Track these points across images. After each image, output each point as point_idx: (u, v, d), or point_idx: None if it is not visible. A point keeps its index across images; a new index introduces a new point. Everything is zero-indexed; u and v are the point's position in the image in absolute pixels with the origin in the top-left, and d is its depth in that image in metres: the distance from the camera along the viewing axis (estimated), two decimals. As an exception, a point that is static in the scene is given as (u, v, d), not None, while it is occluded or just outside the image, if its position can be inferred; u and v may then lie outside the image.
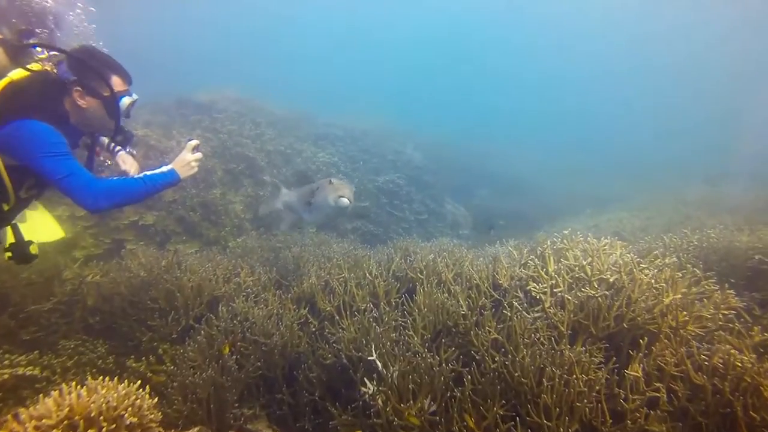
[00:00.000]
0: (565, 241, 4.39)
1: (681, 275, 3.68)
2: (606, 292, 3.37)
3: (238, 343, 3.48)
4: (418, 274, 4.18)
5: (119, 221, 6.04)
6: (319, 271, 4.39)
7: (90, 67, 2.68)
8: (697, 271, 3.84)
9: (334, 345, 3.49)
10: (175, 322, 3.85)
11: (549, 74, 47.78)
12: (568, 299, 3.36)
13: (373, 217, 8.66)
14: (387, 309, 3.83)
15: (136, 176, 2.79)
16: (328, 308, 4.01)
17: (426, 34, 47.66)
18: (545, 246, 4.34)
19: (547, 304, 3.50)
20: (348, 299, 4.05)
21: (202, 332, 3.53)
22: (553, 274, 3.73)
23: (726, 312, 3.46)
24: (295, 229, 6.39)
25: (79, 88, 2.66)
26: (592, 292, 3.33)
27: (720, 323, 3.34)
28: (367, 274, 4.28)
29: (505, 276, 3.94)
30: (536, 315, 3.42)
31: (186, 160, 2.98)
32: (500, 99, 44.92)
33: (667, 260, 4.00)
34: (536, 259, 4.04)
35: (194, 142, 3.05)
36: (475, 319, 3.43)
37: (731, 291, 3.70)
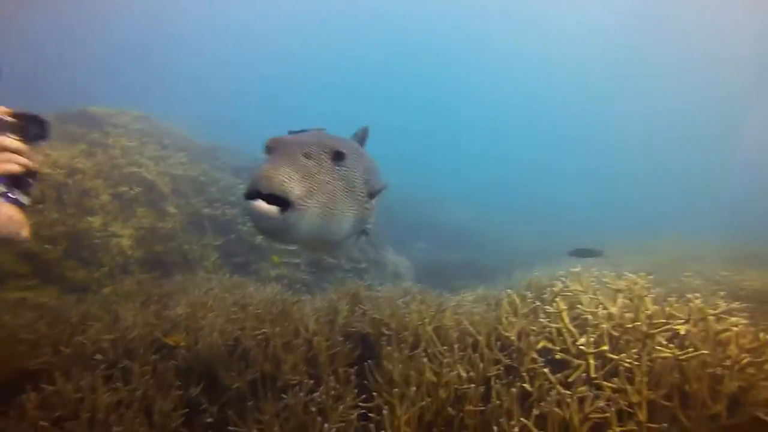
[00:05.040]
0: (576, 281, 3.24)
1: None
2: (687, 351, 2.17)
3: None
4: (382, 330, 2.75)
5: None
6: (225, 325, 2.82)
7: None
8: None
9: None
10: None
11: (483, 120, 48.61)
12: (630, 362, 2.11)
13: (301, 264, 7.13)
14: (333, 385, 2.35)
15: None
16: (237, 384, 2.44)
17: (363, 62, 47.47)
18: (555, 288, 3.16)
19: (591, 372, 2.23)
20: (270, 368, 2.52)
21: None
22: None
23: None
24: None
25: None
26: (667, 351, 2.11)
27: None
28: (302, 330, 2.78)
29: (514, 330, 2.65)
30: (581, 390, 2.11)
31: None
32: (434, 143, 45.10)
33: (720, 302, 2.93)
34: (554, 306, 2.80)
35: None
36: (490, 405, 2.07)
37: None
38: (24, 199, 2.40)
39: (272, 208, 1.66)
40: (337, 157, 1.94)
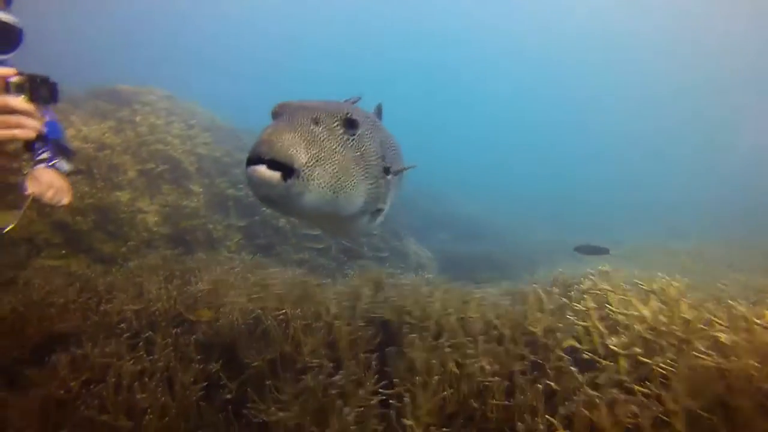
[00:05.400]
0: (605, 280, 3.14)
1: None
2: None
3: None
4: (405, 317, 2.71)
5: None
6: (246, 303, 2.81)
7: None
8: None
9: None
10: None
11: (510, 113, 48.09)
12: (666, 367, 2.02)
13: (323, 248, 7.12)
14: (355, 370, 2.33)
15: None
16: (257, 362, 2.44)
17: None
18: (583, 286, 3.08)
19: (622, 374, 2.15)
20: (290, 349, 2.51)
21: None
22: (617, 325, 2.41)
23: None
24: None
25: None
26: (708, 359, 2.01)
27: None
28: (323, 312, 2.76)
29: (540, 326, 2.57)
30: (611, 393, 2.04)
31: None
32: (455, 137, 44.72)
33: None
34: (582, 304, 2.71)
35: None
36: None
37: None
38: (65, 166, 2.47)
39: (274, 174, 1.52)
40: (350, 124, 1.79)
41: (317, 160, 1.62)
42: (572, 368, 2.24)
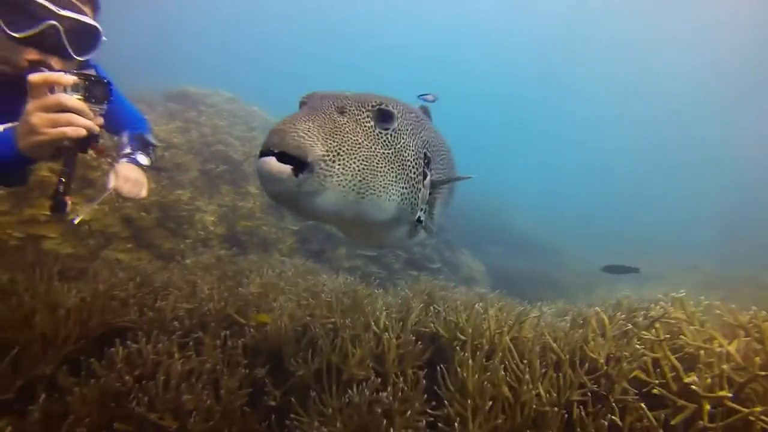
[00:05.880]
0: (678, 308, 2.85)
1: None
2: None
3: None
4: (457, 334, 2.57)
5: (37, 209, 4.42)
6: (295, 309, 2.78)
7: None
8: None
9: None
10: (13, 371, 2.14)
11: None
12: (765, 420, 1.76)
13: (375, 256, 7.07)
14: (402, 386, 2.22)
15: None
16: (302, 371, 2.39)
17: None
18: (653, 312, 2.80)
19: (705, 420, 1.90)
20: (337, 360, 2.43)
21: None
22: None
23: None
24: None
25: None
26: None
27: None
28: (373, 324, 2.67)
29: (602, 352, 2.35)
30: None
31: (34, 112, 1.58)
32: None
33: None
34: (652, 332, 2.46)
35: (61, 77, 1.63)
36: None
37: None
38: (144, 160, 2.55)
39: (284, 168, 1.31)
40: (383, 116, 1.56)
41: (337, 154, 1.40)
42: (642, 404, 2.03)
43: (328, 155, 1.37)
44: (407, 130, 1.66)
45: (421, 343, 2.57)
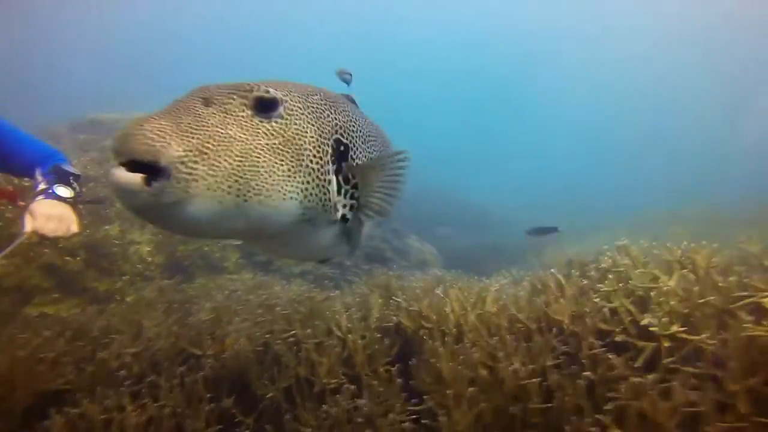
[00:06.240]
0: (624, 255, 2.98)
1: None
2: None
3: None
4: (422, 323, 2.54)
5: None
6: (252, 329, 2.64)
7: None
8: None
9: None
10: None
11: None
12: (711, 343, 1.86)
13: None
14: (377, 386, 2.16)
15: None
16: (271, 392, 2.27)
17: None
18: (603, 264, 2.92)
19: (664, 356, 1.98)
20: (305, 372, 2.34)
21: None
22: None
23: None
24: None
25: None
26: (760, 329, 1.84)
27: None
28: (335, 328, 2.59)
29: (566, 313, 2.41)
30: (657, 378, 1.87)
31: None
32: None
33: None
34: (606, 283, 2.55)
35: None
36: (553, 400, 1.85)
37: None
38: (66, 192, 2.20)
39: (132, 178, 1.10)
40: (261, 103, 1.33)
41: (200, 153, 1.16)
42: (609, 355, 2.09)
43: (188, 155, 1.15)
44: (302, 114, 1.43)
45: (387, 338, 2.52)
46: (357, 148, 1.63)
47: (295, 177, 1.34)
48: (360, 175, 1.58)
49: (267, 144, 1.30)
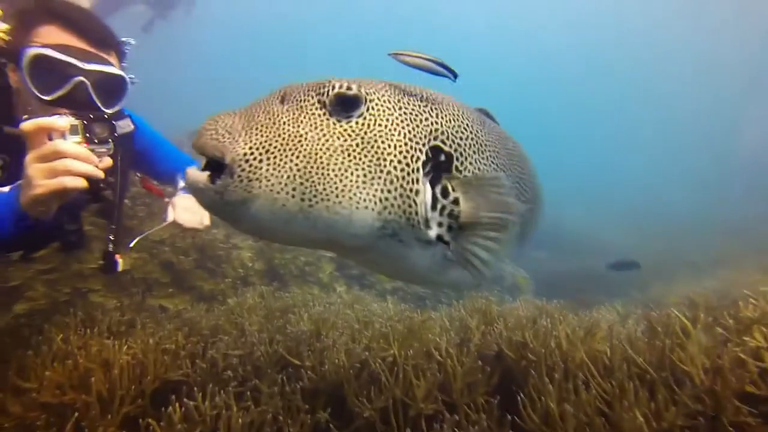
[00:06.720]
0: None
1: None
2: None
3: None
4: (526, 354, 2.38)
5: (84, 264, 4.46)
6: (351, 344, 2.64)
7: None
8: None
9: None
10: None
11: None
12: None
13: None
14: (475, 418, 2.04)
15: None
16: (367, 412, 2.23)
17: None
18: (746, 312, 2.54)
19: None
20: (401, 394, 2.27)
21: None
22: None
23: None
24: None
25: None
26: None
27: None
28: (434, 351, 2.51)
29: (698, 362, 2.11)
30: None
31: (31, 163, 1.45)
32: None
33: None
34: (756, 337, 2.21)
35: (55, 121, 1.48)
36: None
37: None
38: None
39: (199, 175, 1.11)
40: (342, 101, 1.22)
41: (266, 151, 1.11)
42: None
43: (253, 153, 1.11)
44: (391, 115, 1.28)
45: (487, 366, 2.39)
46: (466, 159, 1.41)
47: (372, 184, 1.20)
48: (460, 190, 1.34)
49: (341, 145, 1.19)
